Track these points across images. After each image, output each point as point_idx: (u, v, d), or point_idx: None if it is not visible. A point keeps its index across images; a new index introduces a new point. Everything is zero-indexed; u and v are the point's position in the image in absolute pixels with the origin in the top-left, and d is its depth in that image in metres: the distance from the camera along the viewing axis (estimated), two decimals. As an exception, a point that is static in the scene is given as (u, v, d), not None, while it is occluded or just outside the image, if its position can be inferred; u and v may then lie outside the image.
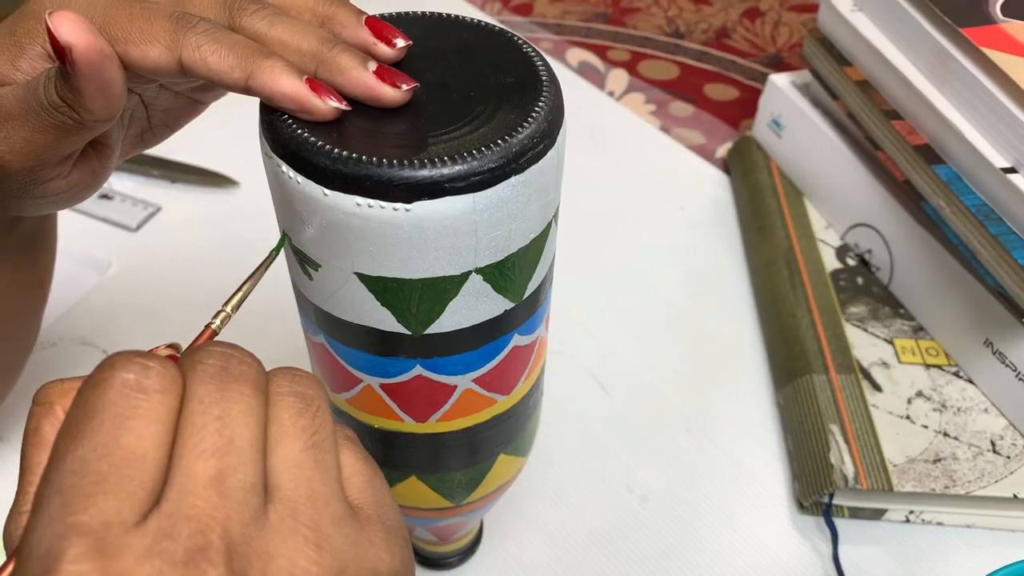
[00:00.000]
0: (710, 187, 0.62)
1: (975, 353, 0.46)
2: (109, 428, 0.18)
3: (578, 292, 0.53)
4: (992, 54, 0.43)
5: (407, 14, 0.27)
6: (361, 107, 0.24)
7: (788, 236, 0.54)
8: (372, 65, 0.24)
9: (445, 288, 0.24)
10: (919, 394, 0.46)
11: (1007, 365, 0.44)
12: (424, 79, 0.24)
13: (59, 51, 0.23)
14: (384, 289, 0.24)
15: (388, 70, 0.24)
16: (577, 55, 0.75)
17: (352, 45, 0.25)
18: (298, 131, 0.22)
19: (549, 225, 0.25)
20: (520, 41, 0.26)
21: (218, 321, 0.24)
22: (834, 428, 0.43)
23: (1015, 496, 0.41)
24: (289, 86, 0.23)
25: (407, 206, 0.21)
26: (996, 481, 0.41)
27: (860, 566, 0.41)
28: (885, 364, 0.47)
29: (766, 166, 0.60)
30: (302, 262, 0.25)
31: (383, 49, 0.25)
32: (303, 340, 0.32)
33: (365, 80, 0.23)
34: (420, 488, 0.31)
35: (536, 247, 0.25)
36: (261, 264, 0.25)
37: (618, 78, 0.73)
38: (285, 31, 0.25)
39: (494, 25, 0.27)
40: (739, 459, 0.45)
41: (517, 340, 0.27)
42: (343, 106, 0.23)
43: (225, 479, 0.19)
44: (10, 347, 0.38)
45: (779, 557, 0.41)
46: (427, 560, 0.40)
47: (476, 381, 0.27)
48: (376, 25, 0.25)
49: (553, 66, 0.73)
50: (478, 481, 0.32)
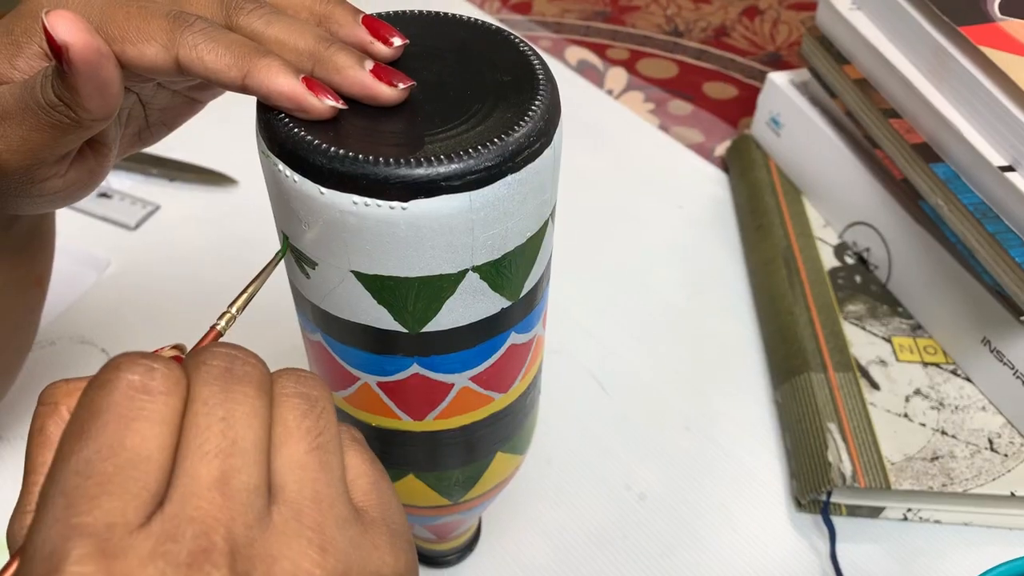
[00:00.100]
0: (709, 186, 0.62)
1: (973, 351, 0.46)
2: (114, 429, 0.18)
3: (577, 291, 0.53)
4: (990, 52, 0.43)
5: (404, 13, 0.27)
6: (358, 106, 0.24)
7: (786, 234, 0.54)
8: (369, 64, 0.24)
9: (442, 286, 0.24)
10: (917, 392, 0.46)
11: (1005, 363, 0.44)
12: (421, 78, 0.24)
13: (56, 50, 0.23)
14: (381, 287, 0.24)
15: (385, 69, 0.24)
16: (576, 53, 0.75)
17: (349, 44, 0.25)
18: (295, 130, 0.22)
19: (546, 223, 0.25)
20: (517, 40, 0.26)
21: (223, 322, 0.24)
22: (832, 426, 0.43)
23: (1012, 494, 0.41)
24: (286, 85, 0.23)
25: (403, 204, 0.21)
26: (993, 479, 0.42)
27: (858, 564, 0.41)
28: (883, 362, 0.47)
29: (765, 165, 0.60)
30: (299, 260, 0.25)
31: (380, 48, 0.25)
32: (300, 338, 0.32)
33: (362, 79, 0.23)
34: (418, 486, 0.31)
35: (533, 245, 0.25)
36: (266, 266, 0.25)
37: (617, 76, 0.73)
38: (282, 30, 0.25)
39: (491, 24, 0.27)
40: (738, 457, 0.45)
41: (514, 338, 0.27)
42: (340, 105, 0.23)
43: (229, 481, 0.19)
44: (9, 346, 0.38)
45: (777, 555, 0.41)
46: (425, 558, 0.40)
47: (473, 379, 0.27)
48: (373, 24, 0.25)
49: (552, 65, 0.73)
50: (476, 479, 0.32)
